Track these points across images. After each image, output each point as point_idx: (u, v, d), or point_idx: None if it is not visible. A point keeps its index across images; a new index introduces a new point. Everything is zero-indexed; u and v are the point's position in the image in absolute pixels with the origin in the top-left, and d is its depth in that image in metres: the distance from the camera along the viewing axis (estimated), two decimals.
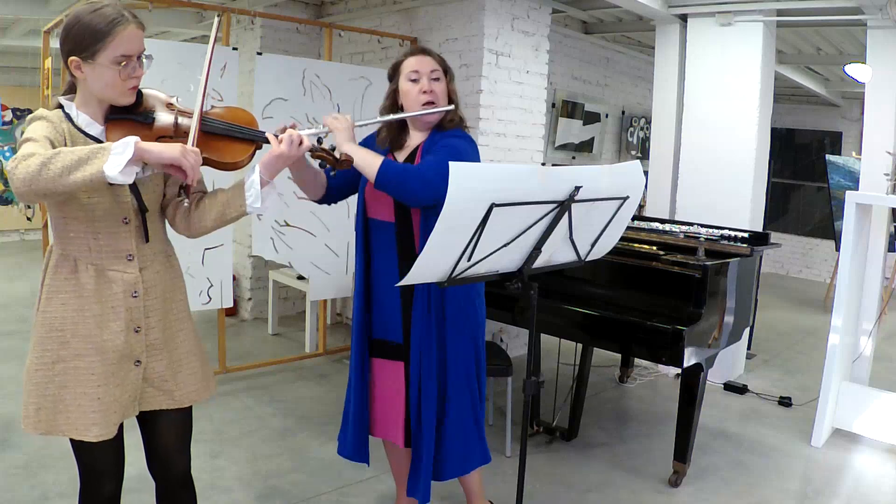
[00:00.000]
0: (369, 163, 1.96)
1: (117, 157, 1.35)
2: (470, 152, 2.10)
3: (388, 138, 2.20)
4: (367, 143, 2.22)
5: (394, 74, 2.19)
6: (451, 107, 2.13)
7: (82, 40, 1.48)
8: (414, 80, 2.11)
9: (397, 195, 1.98)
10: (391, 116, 2.12)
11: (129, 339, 1.60)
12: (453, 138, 2.10)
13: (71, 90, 1.60)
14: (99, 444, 1.61)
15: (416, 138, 2.18)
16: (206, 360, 1.81)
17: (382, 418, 2.26)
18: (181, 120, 1.63)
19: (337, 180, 2.18)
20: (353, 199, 2.30)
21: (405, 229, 2.12)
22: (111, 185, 1.51)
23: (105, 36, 1.48)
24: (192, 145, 1.56)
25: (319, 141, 1.81)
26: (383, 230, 2.16)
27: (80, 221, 1.54)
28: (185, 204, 1.62)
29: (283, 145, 1.66)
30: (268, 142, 1.69)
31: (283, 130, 1.73)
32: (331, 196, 2.22)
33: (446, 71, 2.18)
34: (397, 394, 2.21)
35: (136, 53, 1.53)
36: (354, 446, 2.27)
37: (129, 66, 1.52)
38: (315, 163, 1.87)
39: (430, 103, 2.10)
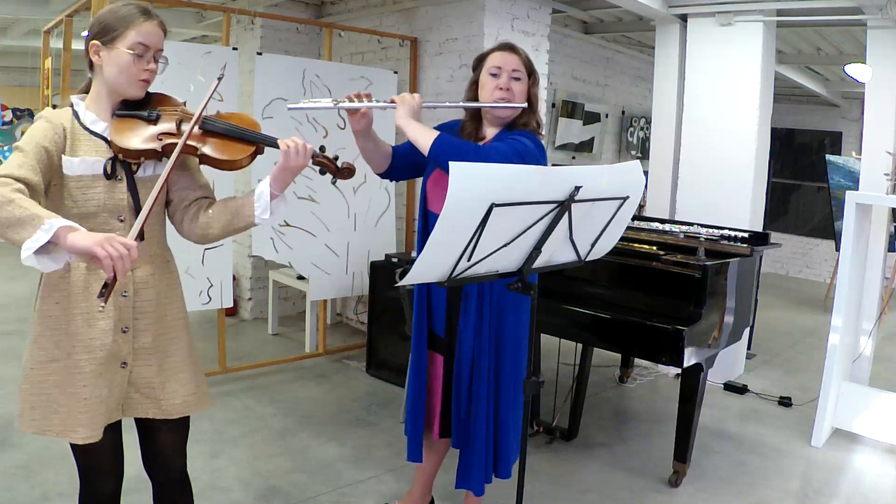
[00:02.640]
0: (423, 134, 1.94)
1: (34, 240, 1.28)
2: (536, 155, 2.04)
3: (472, 133, 2.18)
4: (443, 129, 2.20)
5: (477, 66, 2.17)
6: (524, 105, 2.08)
7: (106, 26, 1.57)
8: (494, 75, 2.09)
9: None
10: (459, 104, 2.11)
11: (117, 339, 1.59)
12: (523, 137, 2.06)
13: (87, 89, 1.65)
14: (97, 445, 1.60)
15: (489, 133, 2.16)
16: (200, 373, 1.77)
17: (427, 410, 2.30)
18: (184, 124, 1.64)
19: (401, 161, 2.18)
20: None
21: None
22: (108, 179, 1.58)
23: (128, 23, 1.56)
24: (166, 175, 1.52)
25: (322, 149, 1.78)
26: None
27: (74, 217, 1.52)
28: (100, 308, 1.50)
29: (289, 155, 1.63)
30: (269, 145, 1.68)
31: (356, 96, 1.89)
32: (393, 172, 2.21)
33: (531, 73, 2.13)
34: (435, 385, 2.25)
35: (154, 48, 1.59)
36: (410, 444, 2.30)
37: (145, 58, 1.58)
38: (319, 166, 1.85)
39: (504, 100, 2.07)
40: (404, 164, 2.20)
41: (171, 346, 1.69)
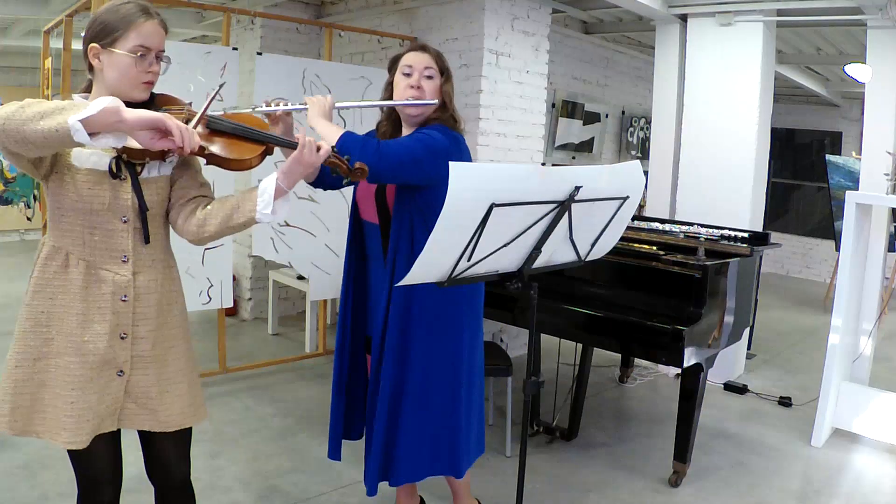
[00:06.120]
0: (331, 132, 1.95)
1: (87, 110, 1.27)
2: (448, 147, 2.01)
3: (387, 133, 2.22)
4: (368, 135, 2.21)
5: (392, 67, 2.19)
6: (434, 102, 2.09)
7: (105, 28, 1.50)
8: (407, 74, 2.11)
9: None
10: (370, 102, 2.15)
11: (114, 345, 1.54)
12: (432, 130, 2.05)
13: (88, 89, 1.60)
14: (95, 455, 1.57)
15: (406, 133, 2.17)
16: (197, 383, 1.72)
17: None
18: (190, 124, 1.61)
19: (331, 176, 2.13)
20: (350, 199, 2.29)
21: (386, 232, 2.11)
22: (114, 178, 1.52)
23: (127, 25, 1.49)
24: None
25: (334, 149, 1.78)
26: (372, 232, 2.18)
27: (77, 213, 1.51)
28: (169, 161, 1.50)
29: (304, 150, 1.58)
30: (285, 146, 1.64)
31: (268, 105, 1.87)
32: (322, 182, 2.13)
33: (443, 71, 2.16)
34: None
35: (155, 49, 1.53)
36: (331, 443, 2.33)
37: (146, 60, 1.52)
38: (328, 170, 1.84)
39: (415, 98, 2.08)
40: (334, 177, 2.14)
41: (169, 354, 1.64)
